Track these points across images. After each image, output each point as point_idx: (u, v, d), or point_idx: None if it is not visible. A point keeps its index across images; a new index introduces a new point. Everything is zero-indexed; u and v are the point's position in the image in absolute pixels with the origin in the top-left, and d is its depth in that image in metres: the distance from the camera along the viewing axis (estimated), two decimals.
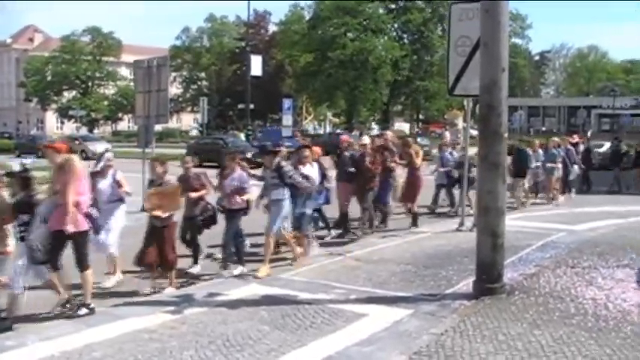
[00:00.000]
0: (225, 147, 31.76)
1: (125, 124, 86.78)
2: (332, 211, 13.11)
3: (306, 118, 74.43)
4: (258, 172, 11.01)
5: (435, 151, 19.80)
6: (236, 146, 32.59)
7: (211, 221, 10.32)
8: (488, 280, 7.88)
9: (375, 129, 65.07)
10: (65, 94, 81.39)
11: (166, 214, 8.82)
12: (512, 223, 11.51)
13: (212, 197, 10.59)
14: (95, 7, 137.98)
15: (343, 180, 13.10)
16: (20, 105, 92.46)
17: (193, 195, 10.01)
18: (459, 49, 12.08)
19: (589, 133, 44.36)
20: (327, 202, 12.64)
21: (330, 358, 6.02)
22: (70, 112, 76.27)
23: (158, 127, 33.74)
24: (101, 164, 9.63)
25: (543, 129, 66.11)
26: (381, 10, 66.27)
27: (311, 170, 11.10)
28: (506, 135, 8.14)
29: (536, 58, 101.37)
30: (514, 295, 7.84)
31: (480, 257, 8.00)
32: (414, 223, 13.79)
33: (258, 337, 6.58)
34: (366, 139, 13.91)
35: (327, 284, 8.67)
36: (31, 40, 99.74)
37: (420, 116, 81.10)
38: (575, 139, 22.67)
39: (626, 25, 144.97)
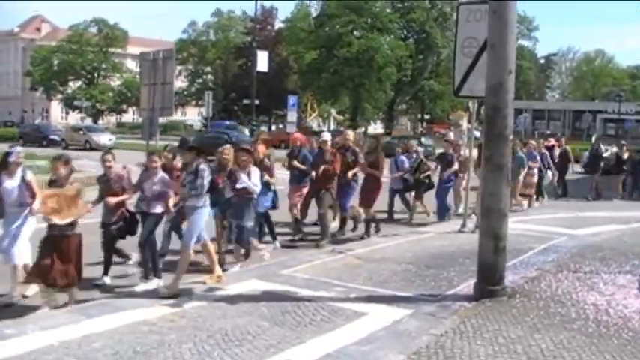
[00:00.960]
0: (230, 141, 31.67)
1: (130, 115, 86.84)
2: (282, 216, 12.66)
3: (310, 115, 74.39)
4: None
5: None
6: (240, 141, 32.54)
7: (126, 231, 9.16)
8: (490, 282, 7.87)
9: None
10: (71, 84, 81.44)
11: (65, 221, 7.59)
12: (515, 225, 11.49)
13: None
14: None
15: (294, 183, 12.59)
16: (26, 94, 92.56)
17: (111, 201, 8.87)
18: (465, 50, 12.06)
19: (593, 138, 44.20)
20: (274, 206, 11.59)
21: (329, 356, 6.00)
22: (75, 103, 76.56)
23: (162, 120, 33.73)
24: (11, 159, 8.22)
25: (548, 132, 66.06)
26: (387, 10, 66.31)
27: (251, 176, 9.35)
28: (511, 137, 8.13)
29: (542, 61, 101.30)
30: (515, 298, 7.82)
31: (482, 259, 7.98)
32: (367, 232, 12.66)
33: (257, 332, 6.57)
34: (326, 136, 12.61)
35: (327, 282, 8.66)
36: (38, 29, 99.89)
37: (425, 116, 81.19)
38: (551, 142, 21.77)
39: (631, 27, 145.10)
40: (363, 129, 70.50)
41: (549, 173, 19.40)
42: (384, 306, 7.57)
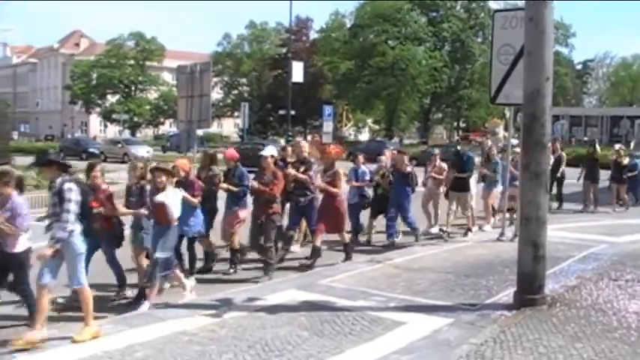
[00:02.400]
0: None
1: (166, 128, 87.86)
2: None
3: (345, 125, 74.48)
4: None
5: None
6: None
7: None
8: (529, 291, 7.81)
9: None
10: (109, 97, 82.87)
11: None
12: (553, 233, 11.36)
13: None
14: (139, 14, 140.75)
15: (229, 206, 10.76)
16: (65, 108, 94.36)
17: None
18: (501, 58, 12.01)
19: (632, 144, 43.33)
20: (206, 232, 10.42)
21: None
22: (114, 116, 77.90)
23: (199, 132, 33.96)
24: None
25: (585, 139, 65.28)
26: (422, 19, 66.24)
27: (168, 197, 8.34)
28: (549, 145, 8.08)
29: (579, 67, 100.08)
30: (555, 307, 7.74)
31: (521, 268, 7.92)
32: (348, 256, 11.21)
33: (297, 342, 6.60)
34: (267, 151, 10.72)
35: (366, 291, 8.66)
36: (77, 44, 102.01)
37: (461, 124, 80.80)
38: None
39: None
40: (398, 138, 70.50)
41: None
42: (424, 315, 7.56)
